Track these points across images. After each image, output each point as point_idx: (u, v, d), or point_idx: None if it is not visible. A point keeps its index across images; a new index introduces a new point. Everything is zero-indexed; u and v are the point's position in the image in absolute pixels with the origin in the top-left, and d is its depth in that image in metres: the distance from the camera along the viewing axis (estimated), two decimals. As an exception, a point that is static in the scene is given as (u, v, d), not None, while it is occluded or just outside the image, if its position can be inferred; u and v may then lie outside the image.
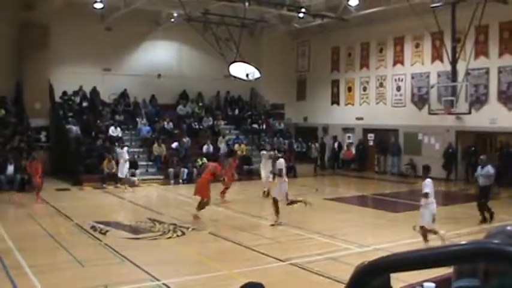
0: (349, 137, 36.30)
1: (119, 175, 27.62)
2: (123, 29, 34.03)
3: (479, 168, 18.33)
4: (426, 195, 14.16)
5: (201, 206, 18.59)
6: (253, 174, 31.36)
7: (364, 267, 2.24)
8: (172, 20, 33.85)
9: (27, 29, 31.70)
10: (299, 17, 34.04)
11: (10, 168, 26.74)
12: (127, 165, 27.79)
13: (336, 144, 36.14)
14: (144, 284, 11.35)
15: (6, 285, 11.15)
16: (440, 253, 1.90)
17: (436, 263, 1.88)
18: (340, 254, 13.56)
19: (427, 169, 14.91)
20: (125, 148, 28.16)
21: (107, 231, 16.69)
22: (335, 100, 37.66)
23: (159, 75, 36.16)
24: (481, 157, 18.89)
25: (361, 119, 35.32)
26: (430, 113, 30.22)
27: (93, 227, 17.14)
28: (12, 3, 31.67)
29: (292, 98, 40.10)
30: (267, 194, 23.57)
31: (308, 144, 36.31)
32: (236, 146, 33.24)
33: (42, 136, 31.73)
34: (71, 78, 33.26)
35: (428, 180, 14.28)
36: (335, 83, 37.63)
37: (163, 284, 11.20)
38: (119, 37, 34.33)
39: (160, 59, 36.37)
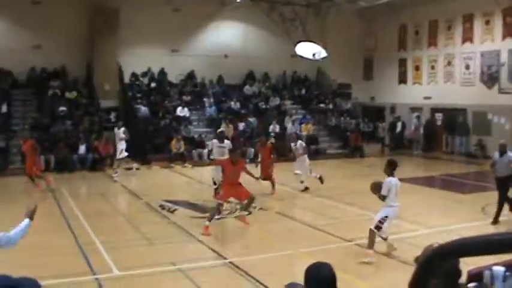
0: (416, 116, 35.69)
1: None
2: (190, 10, 34.39)
3: (495, 154, 15.60)
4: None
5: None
6: (319, 154, 31.34)
7: (435, 251, 2.26)
8: (238, 0, 33.92)
9: (98, 13, 32.44)
10: (366, -5, 33.66)
11: (82, 148, 27.48)
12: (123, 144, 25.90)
13: (402, 124, 35.58)
14: (212, 262, 11.55)
15: (80, 260, 11.54)
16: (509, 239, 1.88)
17: (505, 248, 1.87)
18: (407, 235, 13.44)
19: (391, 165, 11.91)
20: (122, 129, 25.73)
21: (175, 209, 16.98)
22: (402, 79, 37.07)
23: (225, 56, 36.34)
24: (501, 142, 15.80)
25: (429, 98, 34.67)
26: (500, 92, 29.50)
27: (161, 206, 17.48)
28: (83, -12, 32.43)
29: (359, 78, 39.70)
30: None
31: (375, 124, 35.97)
32: (303, 125, 33.18)
33: (112, 117, 32.40)
34: (139, 59, 33.86)
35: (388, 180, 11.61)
36: (402, 62, 37.01)
37: (230, 262, 11.37)
38: (186, 18, 34.63)
39: (227, 39, 36.51)
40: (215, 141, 18.36)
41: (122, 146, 25.03)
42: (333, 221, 15.45)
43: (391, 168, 11.67)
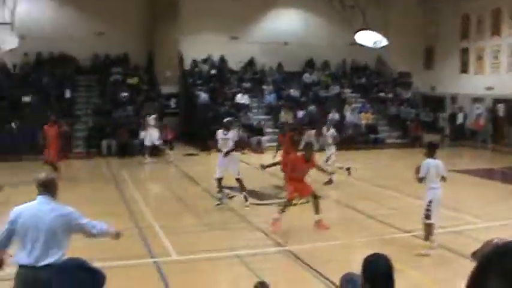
0: (478, 107, 34.95)
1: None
2: (250, -3, 34.55)
3: None
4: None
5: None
6: (378, 143, 31.14)
7: (495, 249, 2.22)
8: (299, -14, 33.86)
9: (159, 1, 32.83)
10: (428, -17, 33.13)
11: (142, 134, 27.86)
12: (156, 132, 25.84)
13: (464, 115, 34.89)
14: (269, 249, 11.63)
15: (140, 244, 11.77)
16: None
17: None
18: (465, 228, 13.26)
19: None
20: (152, 116, 25.97)
21: (233, 196, 17.11)
22: (464, 69, 36.29)
23: (285, 43, 36.29)
24: None
25: (491, 88, 33.93)
26: None
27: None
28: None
29: (419, 67, 39.08)
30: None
31: (435, 114, 35.41)
32: (362, 114, 32.95)
33: (172, 103, 32.84)
34: (199, 46, 34.12)
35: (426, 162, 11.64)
36: (464, 52, 36.22)
37: (288, 250, 11.42)
38: (245, 5, 34.71)
39: (286, 26, 36.44)
40: (220, 131, 16.47)
41: (154, 133, 25.30)
42: (392, 211, 15.34)
43: (430, 151, 11.79)
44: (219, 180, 16.16)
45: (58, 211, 6.20)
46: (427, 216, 11.30)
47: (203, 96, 31.95)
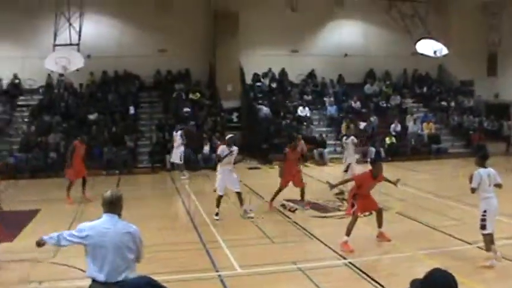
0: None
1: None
2: (308, 10, 34.70)
3: None
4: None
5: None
6: (441, 153, 30.77)
7: None
8: (357, -1, 33.87)
9: (219, 17, 33.45)
10: (488, -11, 32.68)
11: (206, 148, 28.29)
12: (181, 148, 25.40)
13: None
14: (332, 262, 11.66)
15: (205, 257, 11.98)
16: None
17: None
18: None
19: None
20: (179, 132, 25.64)
21: (296, 209, 17.21)
22: (528, 75, 35.54)
23: (345, 55, 36.29)
24: None
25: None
26: None
27: (283, 205, 17.76)
28: (206, -5, 33.54)
29: (482, 74, 38.40)
30: None
31: (500, 122, 34.74)
32: (424, 124, 32.61)
33: (234, 117, 33.21)
34: (260, 60, 34.50)
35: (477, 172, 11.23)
36: (528, 57, 35.50)
37: (350, 262, 11.44)
38: (304, 18, 34.89)
39: (346, 38, 36.46)
40: (224, 147, 16.63)
41: (179, 150, 25.11)
42: (455, 222, 15.17)
43: (481, 160, 11.41)
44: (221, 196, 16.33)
45: (124, 229, 6.41)
46: (483, 227, 11.11)
47: (264, 109, 32.19)
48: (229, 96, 33.38)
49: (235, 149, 16.64)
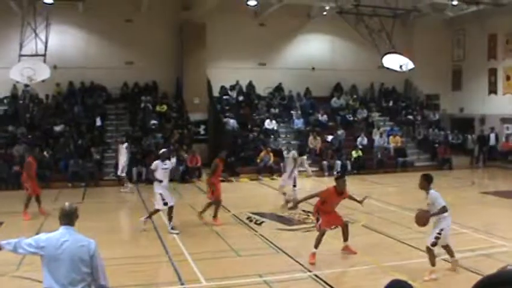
0: (507, 127, 34.63)
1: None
2: (276, 23, 34.81)
3: None
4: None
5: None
6: (407, 166, 31.08)
7: (483, 281, 2.26)
8: (325, 13, 34.07)
9: (186, 28, 33.46)
10: (452, 5, 33.11)
11: (173, 161, 28.08)
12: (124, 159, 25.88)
13: (493, 136, 34.49)
14: (297, 275, 11.68)
15: (170, 270, 11.92)
16: None
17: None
18: (495, 251, 13.16)
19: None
20: (125, 144, 26.26)
21: (262, 222, 17.25)
22: (492, 89, 36.05)
23: (313, 68, 36.52)
24: None
25: (521, 108, 33.67)
26: None
27: (249, 218, 17.78)
28: (171, 5, 33.61)
29: (447, 88, 38.96)
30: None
31: (464, 136, 35.20)
32: (391, 137, 32.89)
33: (201, 129, 33.18)
34: (227, 73, 34.57)
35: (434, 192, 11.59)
36: (492, 72, 35.97)
37: (315, 275, 11.47)
38: (272, 32, 35.09)
39: (313, 52, 36.71)
40: (158, 162, 16.52)
41: (123, 161, 25.57)
42: (420, 235, 15.18)
43: (428, 183, 11.58)
44: (171, 208, 16.32)
45: (80, 242, 6.34)
46: (433, 244, 11.31)
47: (232, 122, 32.22)
48: (197, 108, 33.34)
49: (168, 163, 16.76)
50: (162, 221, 17.90)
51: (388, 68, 30.80)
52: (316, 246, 12.51)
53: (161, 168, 16.31)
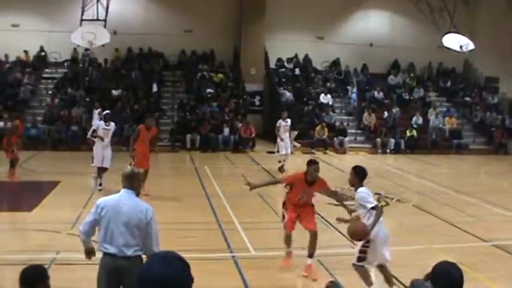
0: None
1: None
2: (337, -4, 34.54)
3: None
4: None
5: None
6: (462, 149, 30.65)
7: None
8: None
9: (246, -1, 33.38)
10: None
11: (226, 130, 28.43)
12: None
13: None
14: (345, 250, 11.68)
15: (220, 238, 12.11)
16: None
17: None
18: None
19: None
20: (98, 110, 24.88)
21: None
22: (555, 74, 35.01)
23: (371, 45, 36.14)
24: None
25: None
26: None
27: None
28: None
29: (508, 72, 37.99)
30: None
31: (522, 121, 34.41)
32: (446, 119, 32.40)
33: (256, 100, 33.28)
34: (285, 45, 34.55)
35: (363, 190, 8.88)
36: (556, 55, 34.92)
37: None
38: (332, 6, 34.80)
39: (372, 28, 36.29)
40: (101, 122, 17.79)
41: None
42: (471, 219, 15.13)
43: (359, 178, 9.01)
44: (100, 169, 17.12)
45: (138, 207, 6.47)
46: (359, 259, 8.94)
47: (288, 95, 32.18)
48: (253, 79, 33.45)
49: (112, 125, 17.70)
50: (213, 188, 18.17)
51: (447, 48, 30.29)
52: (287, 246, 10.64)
53: (102, 128, 17.42)
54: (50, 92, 30.68)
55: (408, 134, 30.36)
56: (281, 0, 33.64)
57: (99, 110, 25.61)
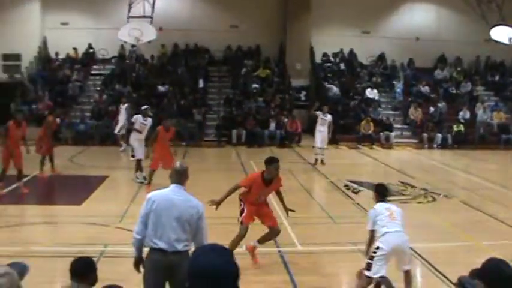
0: None
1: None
2: (382, -10, 34.28)
3: None
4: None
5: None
6: (511, 144, 30.14)
7: None
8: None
9: (291, -7, 33.40)
10: None
11: (272, 125, 28.52)
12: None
13: None
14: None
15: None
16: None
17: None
18: None
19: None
20: (125, 105, 26.36)
21: (359, 190, 17.25)
22: None
23: (417, 38, 35.78)
24: None
25: None
26: None
27: (346, 186, 17.83)
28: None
29: (560, 66, 37.26)
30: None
31: None
32: (495, 113, 31.89)
33: (302, 95, 33.29)
34: (330, 40, 34.48)
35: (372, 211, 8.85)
36: None
37: (412, 247, 11.40)
38: (377, 0, 34.55)
39: (418, 21, 35.91)
40: (139, 116, 17.84)
41: (120, 122, 25.90)
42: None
43: (377, 195, 8.95)
44: (140, 161, 17.45)
45: (189, 202, 6.54)
46: (367, 266, 8.55)
47: (334, 89, 32.10)
48: (298, 74, 33.49)
49: (149, 120, 17.86)
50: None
51: (496, 41, 29.83)
52: (234, 247, 9.90)
53: (140, 122, 17.66)
54: (98, 88, 31.22)
55: (455, 129, 29.99)
56: (326, -5, 33.60)
57: (126, 105, 26.14)
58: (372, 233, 8.71)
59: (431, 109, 31.53)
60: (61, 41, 32.79)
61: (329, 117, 22.60)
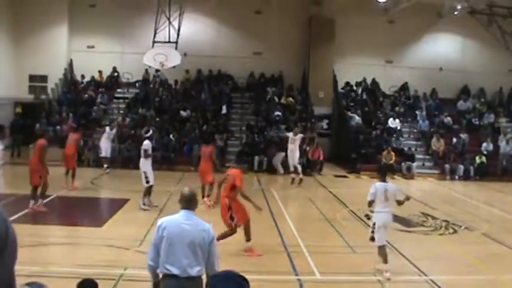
0: None
1: None
2: (405, 21, 34.18)
3: None
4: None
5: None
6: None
7: None
8: (456, 12, 33.12)
9: (315, 22, 33.74)
10: None
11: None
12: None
13: None
14: (412, 278, 11.63)
15: (286, 261, 12.17)
16: None
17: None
18: None
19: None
20: (107, 128, 26.93)
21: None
22: None
23: (440, 69, 35.76)
24: None
25: None
26: None
27: (367, 215, 17.70)
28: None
29: None
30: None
31: None
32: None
33: (324, 124, 33.31)
34: (353, 69, 34.58)
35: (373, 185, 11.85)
36: None
37: (431, 279, 11.36)
38: (400, 30, 34.61)
39: (441, 52, 35.88)
40: (149, 142, 17.86)
41: (103, 144, 26.12)
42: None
43: (379, 173, 12.61)
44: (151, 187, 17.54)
45: (200, 226, 6.55)
46: (371, 239, 11.60)
47: (356, 119, 32.10)
48: (321, 102, 33.55)
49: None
50: (278, 208, 18.27)
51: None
52: (220, 238, 10.58)
53: (151, 147, 17.94)
54: (122, 111, 31.49)
55: (478, 160, 29.78)
56: (350, 24, 33.67)
57: (108, 128, 26.40)
58: (371, 202, 11.44)
59: (454, 140, 31.39)
60: (87, 63, 33.31)
61: (299, 136, 24.06)
